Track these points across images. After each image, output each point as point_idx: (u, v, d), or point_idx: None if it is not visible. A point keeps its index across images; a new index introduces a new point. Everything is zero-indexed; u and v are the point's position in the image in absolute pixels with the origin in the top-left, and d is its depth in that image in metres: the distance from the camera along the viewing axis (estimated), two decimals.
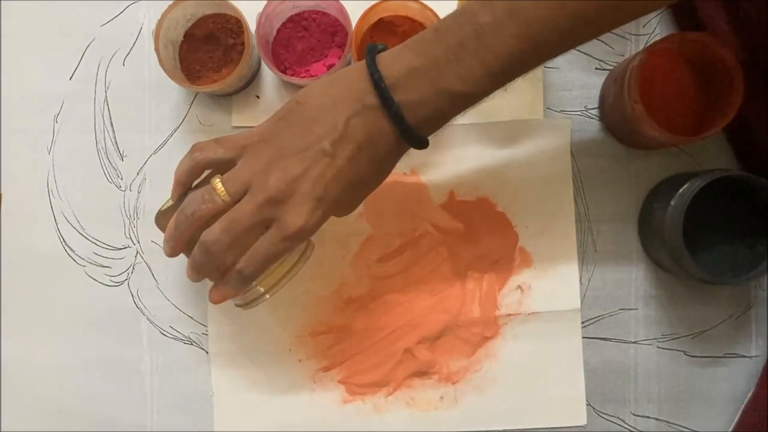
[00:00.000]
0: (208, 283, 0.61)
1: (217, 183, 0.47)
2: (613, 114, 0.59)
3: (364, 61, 0.45)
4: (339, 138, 0.45)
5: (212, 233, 0.47)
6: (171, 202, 0.51)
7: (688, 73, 0.58)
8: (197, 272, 0.49)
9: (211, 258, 0.47)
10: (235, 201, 0.47)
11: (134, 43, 0.62)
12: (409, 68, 0.44)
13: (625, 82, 0.53)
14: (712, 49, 0.53)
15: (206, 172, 0.50)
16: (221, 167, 0.48)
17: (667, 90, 0.57)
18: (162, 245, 0.51)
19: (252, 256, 0.47)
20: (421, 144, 0.46)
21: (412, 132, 0.45)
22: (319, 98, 0.46)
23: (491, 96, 0.45)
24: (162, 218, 0.51)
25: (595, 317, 0.61)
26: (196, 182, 0.51)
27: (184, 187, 0.50)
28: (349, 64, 0.61)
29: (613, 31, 0.61)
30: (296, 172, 0.45)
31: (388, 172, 0.49)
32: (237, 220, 0.46)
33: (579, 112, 0.61)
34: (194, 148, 0.49)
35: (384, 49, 0.46)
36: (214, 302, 0.50)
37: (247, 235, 0.46)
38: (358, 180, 0.46)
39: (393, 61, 0.44)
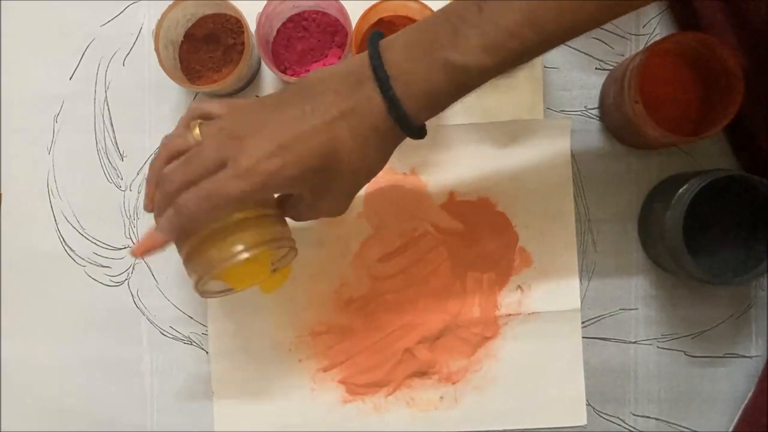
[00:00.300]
0: None
1: (196, 126, 0.46)
2: (613, 114, 0.59)
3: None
4: (321, 100, 0.43)
5: (171, 165, 0.45)
6: None
7: (688, 73, 0.58)
8: (155, 207, 0.46)
9: (166, 190, 0.44)
10: None
11: (134, 43, 0.62)
12: (408, 41, 0.43)
13: (625, 82, 0.53)
14: (712, 49, 0.53)
15: None
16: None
17: (667, 90, 0.57)
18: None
19: (195, 191, 0.43)
20: (412, 129, 0.43)
21: (399, 106, 0.42)
22: (318, 74, 0.45)
23: (489, 87, 0.44)
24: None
25: (595, 317, 0.61)
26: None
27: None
28: None
29: (613, 31, 0.61)
30: (267, 117, 0.43)
31: (373, 160, 0.45)
32: (197, 155, 0.43)
33: (579, 112, 0.61)
34: (193, 103, 0.48)
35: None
36: (135, 254, 0.45)
37: (204, 173, 0.43)
38: (334, 150, 0.43)
39: (394, 38, 0.43)
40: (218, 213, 0.44)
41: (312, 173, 0.43)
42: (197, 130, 0.46)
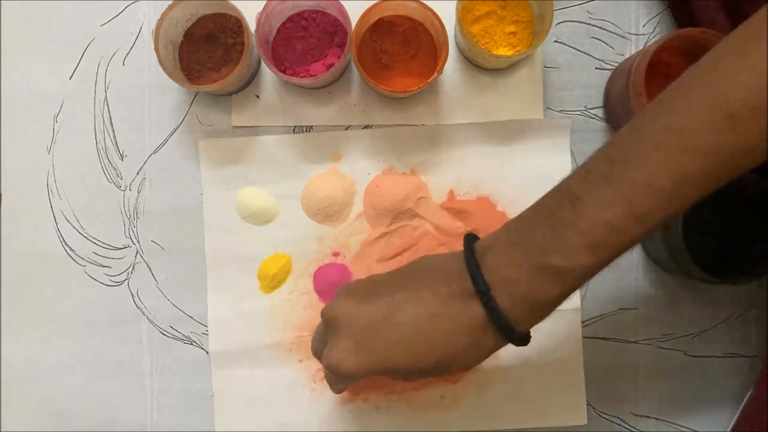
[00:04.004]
0: (208, 284, 0.61)
1: None
2: (617, 109, 0.59)
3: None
4: (413, 297, 0.43)
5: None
6: None
7: None
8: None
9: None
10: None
11: (134, 43, 0.62)
12: (506, 244, 0.42)
13: (631, 76, 0.53)
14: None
15: None
16: None
17: None
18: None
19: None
20: (518, 337, 0.41)
21: (501, 314, 0.40)
22: (423, 262, 0.46)
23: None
24: None
25: (595, 317, 0.61)
26: None
27: None
28: (348, 64, 0.61)
29: (614, 31, 0.61)
30: (356, 310, 0.44)
31: (468, 361, 0.43)
32: (314, 335, 0.50)
33: (579, 112, 0.61)
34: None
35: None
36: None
37: (319, 351, 0.48)
38: (413, 346, 0.42)
39: (491, 241, 0.43)
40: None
41: (391, 363, 0.44)
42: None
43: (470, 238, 0.44)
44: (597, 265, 0.40)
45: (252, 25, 0.57)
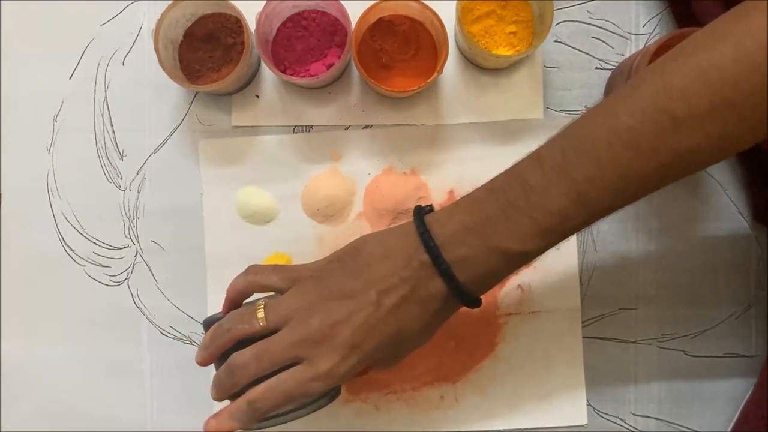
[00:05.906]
0: (208, 285, 0.61)
1: (260, 309, 0.46)
2: None
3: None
4: (386, 289, 0.45)
5: (242, 357, 0.46)
6: (220, 313, 0.50)
7: None
8: (218, 391, 0.48)
9: (235, 381, 0.46)
10: (271, 329, 0.46)
11: (134, 43, 0.62)
12: (461, 227, 0.44)
13: (631, 76, 0.53)
14: None
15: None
16: (273, 292, 0.49)
17: None
18: (198, 349, 0.49)
19: (271, 389, 0.45)
20: (474, 302, 0.45)
21: (463, 289, 0.44)
22: (374, 247, 0.46)
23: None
24: (208, 326, 0.50)
25: (595, 317, 0.61)
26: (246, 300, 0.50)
27: (234, 304, 0.50)
28: (348, 64, 0.61)
29: (614, 30, 0.61)
30: (339, 316, 0.45)
31: (434, 330, 0.48)
32: (269, 351, 0.45)
33: (579, 112, 0.61)
34: (250, 270, 0.49)
35: (431, 210, 0.47)
36: (210, 430, 0.47)
37: (275, 368, 0.45)
38: (401, 334, 0.46)
39: (445, 219, 0.45)
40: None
41: (378, 356, 0.46)
42: (261, 313, 0.46)
43: (421, 214, 0.46)
44: (546, 247, 0.43)
45: (252, 25, 0.57)
